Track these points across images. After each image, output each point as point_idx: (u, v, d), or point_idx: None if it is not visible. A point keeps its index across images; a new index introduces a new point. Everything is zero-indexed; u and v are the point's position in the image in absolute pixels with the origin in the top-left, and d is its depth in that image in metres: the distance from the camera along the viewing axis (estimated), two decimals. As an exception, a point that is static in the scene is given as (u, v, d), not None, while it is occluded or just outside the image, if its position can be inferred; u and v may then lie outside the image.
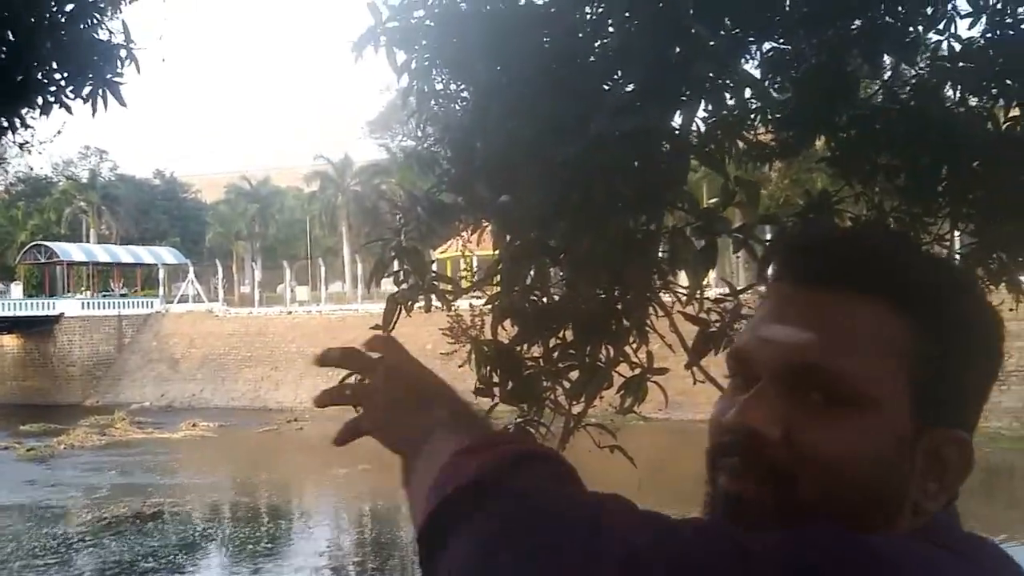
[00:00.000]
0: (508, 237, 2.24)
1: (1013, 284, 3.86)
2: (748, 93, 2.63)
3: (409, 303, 2.41)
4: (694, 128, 2.20)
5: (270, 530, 17.24)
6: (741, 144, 2.59)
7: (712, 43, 1.80)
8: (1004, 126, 3.69)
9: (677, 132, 1.99)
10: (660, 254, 2.17)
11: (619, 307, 2.32)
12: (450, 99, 3.43)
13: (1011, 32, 3.71)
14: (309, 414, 25.65)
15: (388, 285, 3.44)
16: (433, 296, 2.55)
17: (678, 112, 2.10)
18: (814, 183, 3.87)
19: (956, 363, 0.74)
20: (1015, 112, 3.67)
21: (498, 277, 2.42)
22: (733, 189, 2.15)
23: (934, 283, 0.76)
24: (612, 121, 1.76)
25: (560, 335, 2.39)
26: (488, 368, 2.42)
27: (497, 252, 2.37)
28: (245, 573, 14.44)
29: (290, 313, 37.86)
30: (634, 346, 2.35)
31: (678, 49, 1.83)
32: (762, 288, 0.83)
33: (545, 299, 2.39)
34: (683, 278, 2.77)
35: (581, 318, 2.29)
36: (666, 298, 2.46)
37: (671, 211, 2.21)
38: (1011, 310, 4.30)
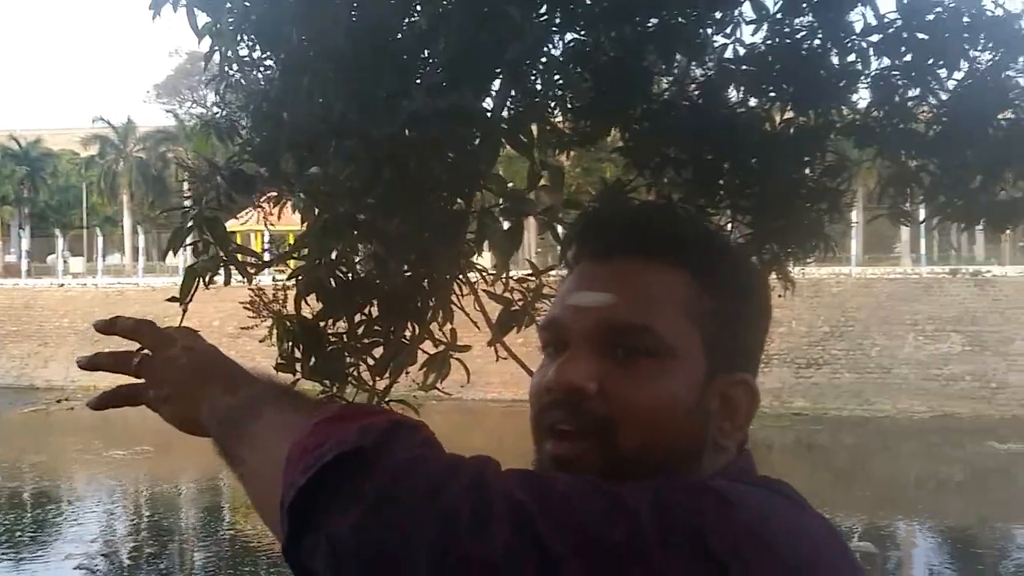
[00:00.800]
0: (316, 211, 2.21)
1: (782, 273, 4.21)
2: (556, 79, 2.71)
3: (208, 276, 2.32)
4: (504, 112, 2.26)
5: (37, 517, 16.07)
6: (548, 129, 2.67)
7: (524, 27, 1.86)
8: (779, 127, 4.01)
9: (489, 114, 2.04)
10: (468, 234, 2.22)
11: (425, 285, 2.34)
12: (254, 67, 3.33)
13: (788, 40, 4.01)
14: (81, 393, 24.05)
15: (172, 259, 3.27)
16: (233, 269, 2.47)
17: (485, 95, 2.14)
18: (605, 172, 4.07)
19: (739, 316, 0.85)
20: (789, 114, 3.99)
21: (304, 251, 2.39)
22: (539, 173, 2.22)
23: (716, 249, 0.87)
24: (427, 100, 1.77)
25: (365, 311, 2.39)
26: (291, 343, 2.38)
27: (305, 225, 2.32)
28: (7, 564, 13.39)
29: (62, 285, 35.18)
30: (439, 324, 2.38)
31: (488, 31, 1.87)
32: (564, 269, 0.90)
33: (351, 275, 2.37)
34: (487, 258, 2.84)
35: (387, 295, 2.30)
36: (471, 277, 2.52)
37: (480, 192, 2.26)
38: (780, 296, 4.69)
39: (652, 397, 0.79)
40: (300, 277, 2.37)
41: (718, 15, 3.89)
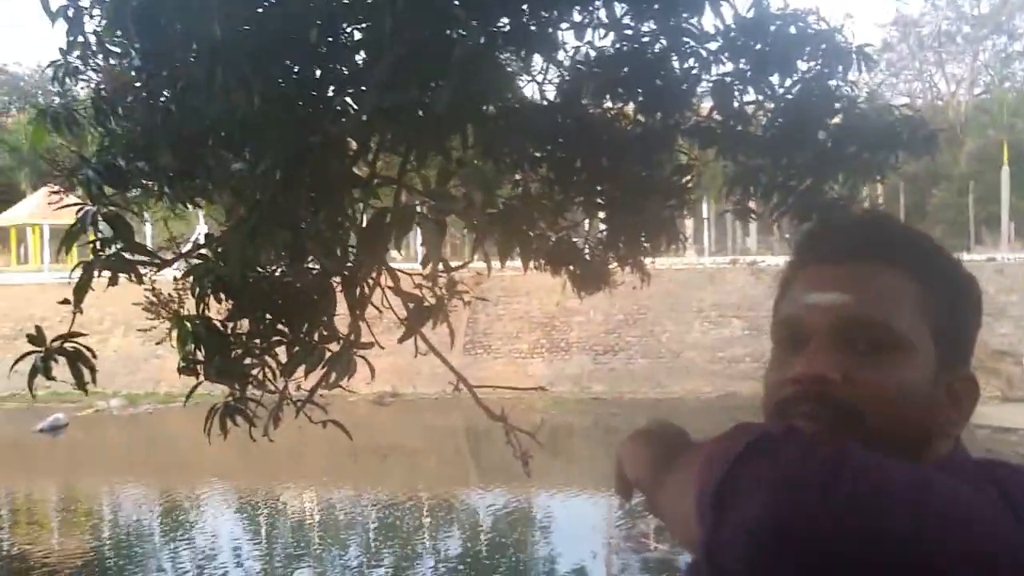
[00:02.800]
0: (237, 208, 2.12)
1: (636, 267, 4.43)
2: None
3: (110, 274, 2.16)
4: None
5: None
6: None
7: (471, 27, 1.88)
8: (629, 127, 4.21)
9: (427, 116, 2.04)
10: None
11: (336, 283, 2.30)
12: (120, 57, 3.13)
13: (635, 45, 4.21)
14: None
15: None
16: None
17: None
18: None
19: (958, 312, 0.94)
20: (640, 117, 4.19)
21: (203, 249, 2.28)
22: (454, 170, 2.25)
23: (933, 253, 0.96)
24: (379, 97, 1.76)
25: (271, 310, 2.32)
26: (193, 345, 2.26)
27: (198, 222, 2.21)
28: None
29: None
30: (363, 320, 2.35)
31: (434, 31, 1.88)
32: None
33: (265, 274, 2.29)
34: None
35: (298, 293, 2.24)
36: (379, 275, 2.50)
37: (407, 190, 2.25)
38: (634, 288, 4.92)
39: (896, 386, 0.88)
40: (202, 276, 2.26)
41: (578, 18, 4.03)
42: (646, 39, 4.24)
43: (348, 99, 1.91)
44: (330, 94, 1.94)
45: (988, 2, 47.31)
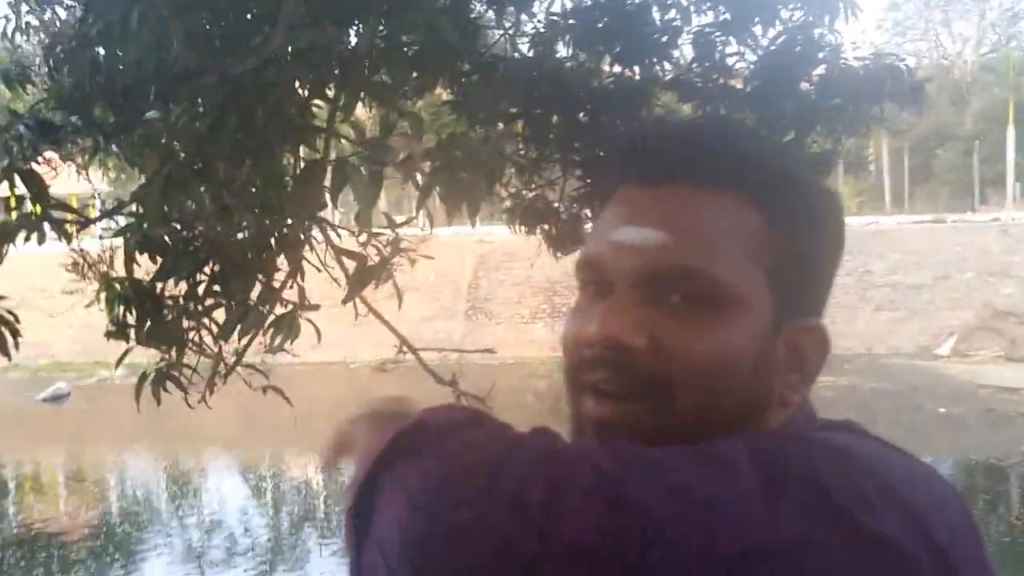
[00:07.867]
0: (155, 160, 1.98)
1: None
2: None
3: (24, 236, 2.04)
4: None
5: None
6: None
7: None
8: (607, 81, 4.06)
9: (350, 57, 1.90)
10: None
11: (273, 240, 2.18)
12: (50, 4, 2.98)
13: (612, -3, 4.05)
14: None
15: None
16: (47, 227, 2.20)
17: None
18: (443, 124, 3.99)
19: (809, 252, 0.74)
20: (617, 70, 4.04)
21: (135, 206, 2.15)
22: (394, 120, 2.12)
23: (787, 176, 0.75)
24: (287, 37, 1.62)
25: (205, 271, 2.19)
26: (123, 308, 2.14)
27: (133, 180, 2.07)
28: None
29: None
30: (296, 282, 2.23)
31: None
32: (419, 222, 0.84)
33: (187, 231, 2.17)
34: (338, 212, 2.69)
35: (232, 252, 2.12)
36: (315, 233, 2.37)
37: (337, 140, 2.11)
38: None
39: (714, 353, 0.68)
40: (129, 235, 2.14)
41: (548, -32, 3.88)
42: (623, -11, 4.08)
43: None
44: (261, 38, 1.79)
45: (997, -41, 46.64)
